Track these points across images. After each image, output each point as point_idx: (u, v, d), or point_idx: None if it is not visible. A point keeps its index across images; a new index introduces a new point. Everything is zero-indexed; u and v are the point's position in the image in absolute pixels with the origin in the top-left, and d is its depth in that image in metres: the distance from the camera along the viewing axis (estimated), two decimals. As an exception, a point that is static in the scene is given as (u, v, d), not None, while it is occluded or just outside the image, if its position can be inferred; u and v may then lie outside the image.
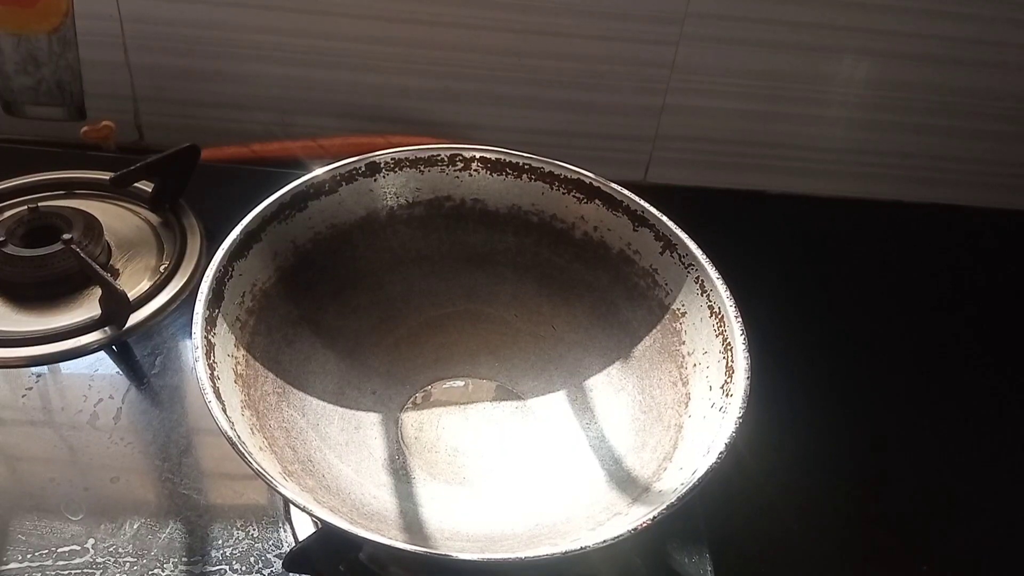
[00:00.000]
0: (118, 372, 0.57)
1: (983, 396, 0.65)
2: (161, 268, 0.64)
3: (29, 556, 0.47)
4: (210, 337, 0.46)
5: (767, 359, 0.49)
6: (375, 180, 0.56)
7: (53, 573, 0.46)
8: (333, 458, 0.49)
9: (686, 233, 0.53)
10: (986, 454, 0.61)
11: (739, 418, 0.44)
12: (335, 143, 0.76)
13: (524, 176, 0.57)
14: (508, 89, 0.77)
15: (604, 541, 0.39)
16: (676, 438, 0.48)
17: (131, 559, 0.47)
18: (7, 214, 0.65)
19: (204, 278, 0.47)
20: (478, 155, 0.57)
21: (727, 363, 0.47)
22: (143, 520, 0.49)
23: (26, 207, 0.64)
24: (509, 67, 0.76)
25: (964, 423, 0.63)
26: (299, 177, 0.54)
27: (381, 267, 0.57)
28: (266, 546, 0.49)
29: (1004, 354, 0.68)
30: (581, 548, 0.39)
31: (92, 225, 0.63)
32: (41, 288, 0.60)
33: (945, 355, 0.68)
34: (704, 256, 0.51)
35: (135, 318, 0.60)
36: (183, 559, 0.48)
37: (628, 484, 0.48)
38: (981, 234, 0.82)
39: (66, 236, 0.61)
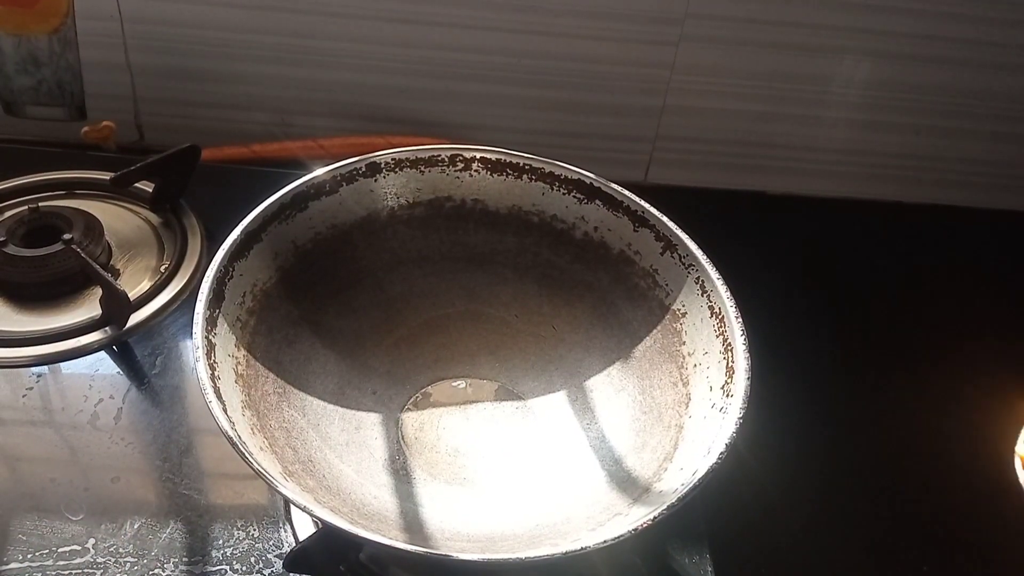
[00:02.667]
0: (119, 372, 0.57)
1: (984, 395, 0.65)
2: (161, 268, 0.64)
3: (29, 556, 0.47)
4: (211, 337, 0.46)
5: (767, 359, 0.49)
6: (375, 180, 0.56)
7: (54, 573, 0.46)
8: (333, 458, 0.49)
9: (686, 233, 0.53)
10: (987, 453, 0.61)
11: (739, 418, 0.44)
12: (335, 143, 0.76)
13: (524, 176, 0.57)
14: (508, 89, 0.77)
15: (604, 541, 0.39)
16: (676, 438, 0.48)
17: (131, 559, 0.47)
18: (8, 214, 0.65)
19: (205, 278, 0.47)
20: (478, 155, 0.57)
21: (727, 363, 0.47)
22: (144, 520, 0.49)
23: (27, 207, 0.64)
24: (509, 67, 0.76)
25: (965, 422, 0.63)
26: (299, 177, 0.54)
27: (381, 267, 0.57)
28: (266, 546, 0.49)
29: (1004, 354, 0.68)
30: (581, 548, 0.39)
31: (92, 225, 0.63)
32: (41, 288, 0.60)
33: (945, 355, 0.68)
34: (704, 256, 0.51)
35: (135, 318, 0.60)
36: (183, 559, 0.48)
37: (628, 484, 0.48)
38: (981, 234, 0.82)
39: (66, 236, 0.61)
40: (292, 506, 0.50)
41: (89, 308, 0.60)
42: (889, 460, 0.60)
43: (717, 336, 0.49)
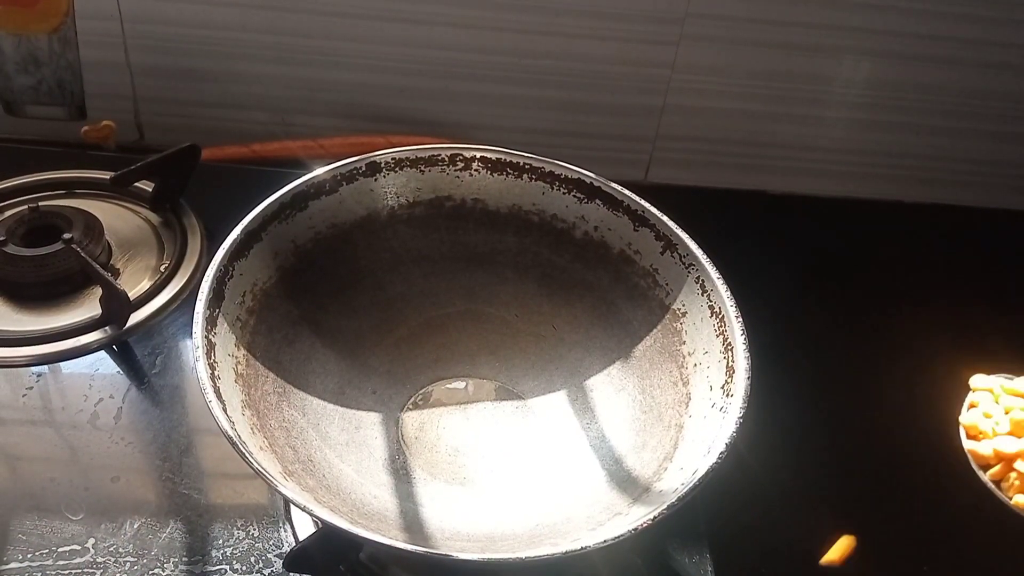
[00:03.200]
0: (118, 372, 0.57)
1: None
2: (161, 268, 0.64)
3: (29, 556, 0.47)
4: (211, 337, 0.46)
5: (767, 359, 0.49)
6: (375, 180, 0.56)
7: (53, 573, 0.46)
8: (333, 458, 0.49)
9: (686, 233, 0.53)
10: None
11: (739, 418, 0.44)
12: (335, 143, 0.76)
13: (524, 176, 0.57)
14: (508, 89, 0.77)
15: (604, 541, 0.39)
16: (676, 438, 0.48)
17: (131, 559, 0.47)
18: (8, 214, 0.65)
19: (205, 278, 0.47)
20: (478, 155, 0.57)
21: (727, 363, 0.47)
22: (143, 520, 0.49)
23: (27, 207, 0.64)
24: (509, 67, 0.76)
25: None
26: (299, 177, 0.54)
27: (381, 267, 0.57)
28: (266, 546, 0.49)
29: (1004, 354, 0.68)
30: (581, 548, 0.39)
31: (92, 225, 0.63)
32: (41, 288, 0.60)
33: (945, 355, 0.68)
34: (704, 256, 0.51)
35: (135, 318, 0.60)
36: (183, 559, 0.48)
37: (628, 484, 0.48)
38: (981, 234, 0.82)
39: (66, 236, 0.61)
40: (292, 506, 0.50)
41: (89, 308, 0.60)
42: (889, 459, 0.60)
43: (717, 336, 0.49)
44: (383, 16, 0.73)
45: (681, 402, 0.50)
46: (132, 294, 0.60)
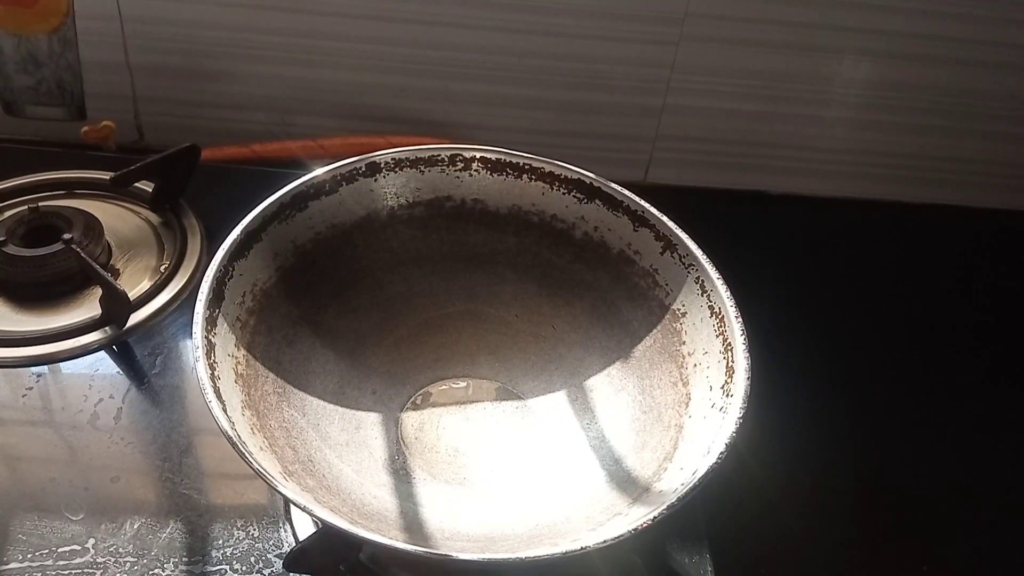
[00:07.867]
0: (118, 372, 0.57)
1: (983, 396, 0.65)
2: (161, 268, 0.64)
3: (29, 556, 0.47)
4: (210, 337, 0.46)
5: (767, 359, 0.49)
6: (375, 180, 0.56)
7: (53, 573, 0.46)
8: (333, 458, 0.49)
9: (686, 233, 0.53)
10: (986, 453, 0.61)
11: (739, 418, 0.44)
12: (335, 143, 0.76)
13: (524, 176, 0.57)
14: (508, 89, 0.77)
15: (604, 541, 0.39)
16: (676, 438, 0.48)
17: (131, 559, 0.47)
18: (7, 214, 0.65)
19: (204, 278, 0.47)
20: (478, 155, 0.57)
21: (727, 363, 0.47)
22: (143, 520, 0.49)
23: (26, 207, 0.64)
24: (509, 67, 0.76)
25: (964, 423, 0.63)
26: (299, 177, 0.54)
27: (381, 267, 0.57)
28: (266, 546, 0.49)
29: (1004, 354, 0.68)
30: (581, 548, 0.39)
31: (92, 225, 0.63)
32: (41, 288, 0.60)
33: (945, 355, 0.68)
34: (704, 256, 0.51)
35: (135, 318, 0.60)
36: (183, 559, 0.48)
37: (628, 484, 0.48)
38: (981, 234, 0.82)
39: (66, 236, 0.61)
40: (292, 506, 0.50)
41: (89, 308, 0.60)
42: (889, 460, 0.60)
43: (717, 336, 0.49)
44: (383, 16, 0.73)
45: (681, 402, 0.50)
46: (132, 294, 0.60)
